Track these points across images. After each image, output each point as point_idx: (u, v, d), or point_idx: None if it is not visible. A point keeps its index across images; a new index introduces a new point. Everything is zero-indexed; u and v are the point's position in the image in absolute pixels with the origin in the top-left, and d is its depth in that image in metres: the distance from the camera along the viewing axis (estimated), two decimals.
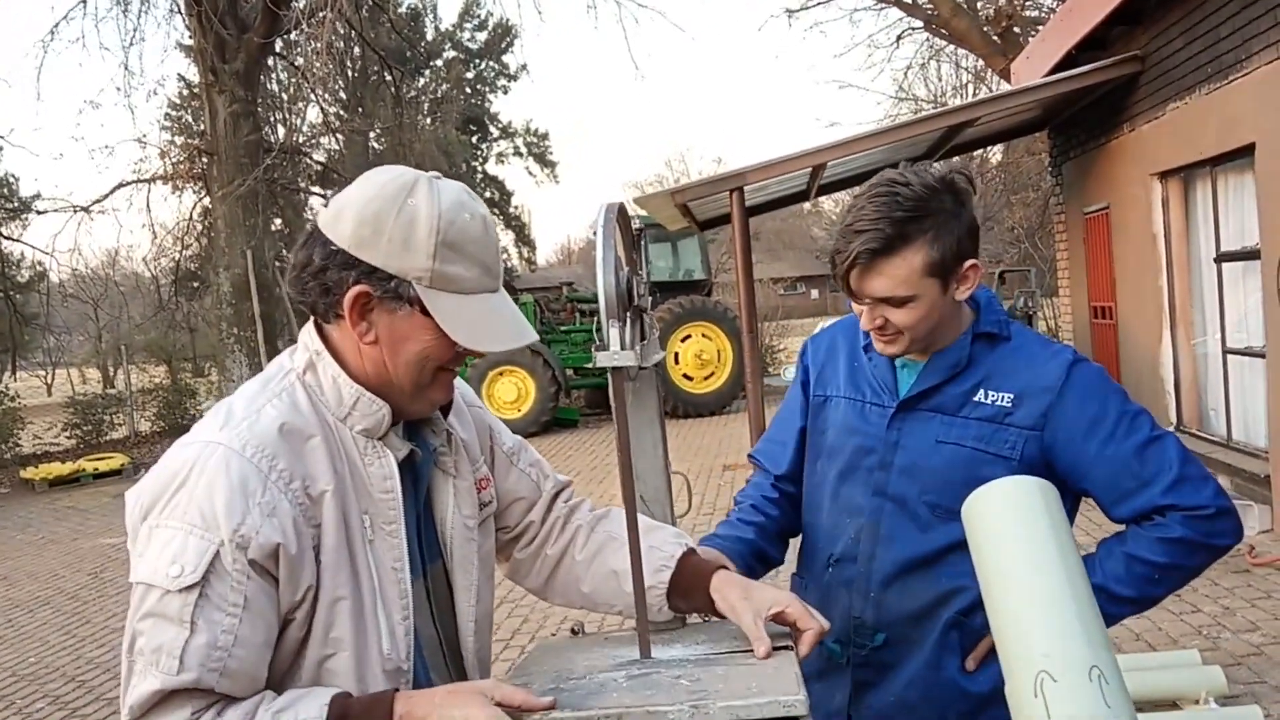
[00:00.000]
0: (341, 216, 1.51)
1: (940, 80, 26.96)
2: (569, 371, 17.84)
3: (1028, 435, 1.94)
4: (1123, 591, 1.91)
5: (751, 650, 1.60)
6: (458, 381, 1.76)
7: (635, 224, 1.86)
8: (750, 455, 2.36)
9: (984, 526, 1.47)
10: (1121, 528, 1.99)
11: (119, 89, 41.26)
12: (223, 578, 1.39)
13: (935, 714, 2.01)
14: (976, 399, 1.98)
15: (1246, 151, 7.53)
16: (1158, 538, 1.89)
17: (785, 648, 1.61)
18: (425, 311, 1.51)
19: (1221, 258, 8.39)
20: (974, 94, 24.05)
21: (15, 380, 23.90)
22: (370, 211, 1.49)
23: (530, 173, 38.61)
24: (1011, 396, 1.95)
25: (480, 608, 1.73)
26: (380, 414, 1.55)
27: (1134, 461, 1.90)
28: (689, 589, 1.74)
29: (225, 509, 1.40)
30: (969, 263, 1.92)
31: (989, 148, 23.10)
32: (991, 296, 2.07)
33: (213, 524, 1.39)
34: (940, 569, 1.98)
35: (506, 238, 38.77)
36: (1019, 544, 1.40)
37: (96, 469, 16.91)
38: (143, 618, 1.40)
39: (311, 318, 1.60)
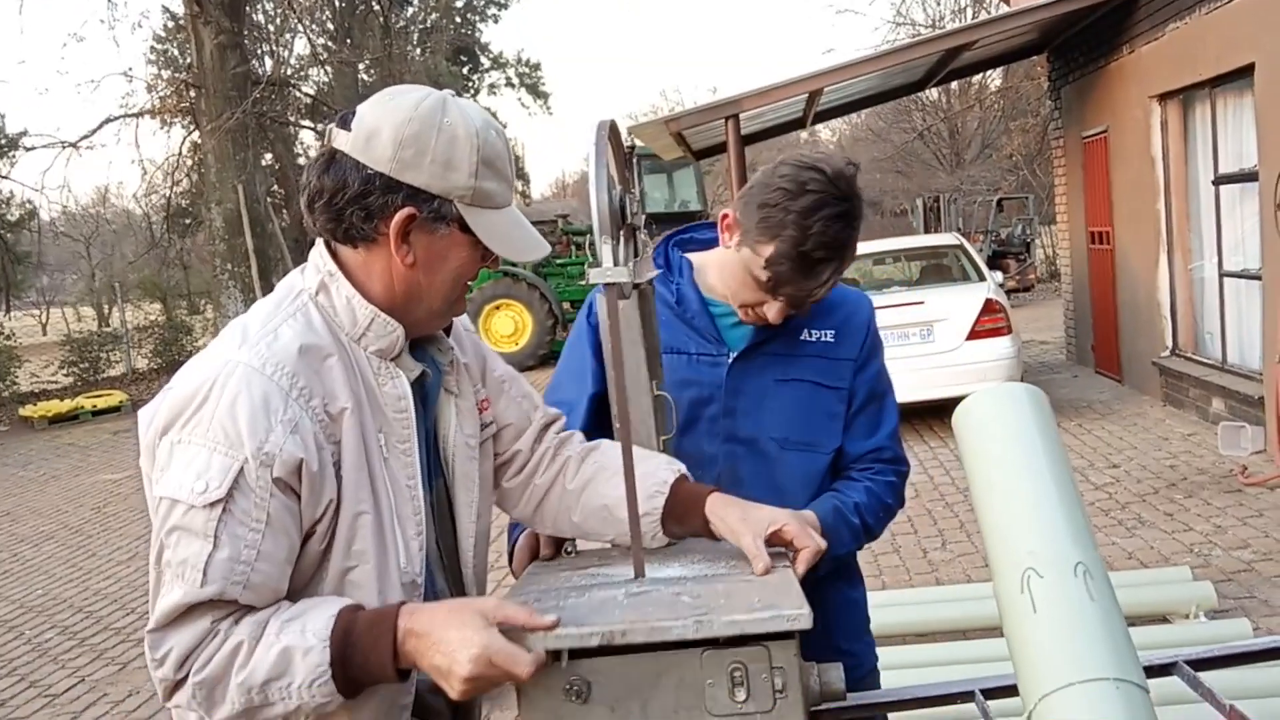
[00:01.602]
0: (376, 139, 1.50)
1: (939, 4, 26.65)
2: (565, 305, 17.83)
3: (850, 365, 2.10)
4: (869, 520, 2.07)
5: (749, 568, 1.62)
6: None
7: (627, 142, 1.84)
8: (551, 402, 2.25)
9: (973, 431, 1.49)
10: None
11: (102, 21, 40.76)
12: (246, 494, 1.41)
13: (822, 634, 2.04)
14: (803, 338, 2.08)
15: (1246, 72, 7.46)
16: (889, 483, 2.12)
17: (784, 566, 1.63)
18: (464, 229, 1.54)
19: (1219, 180, 8.35)
20: (973, 17, 23.74)
21: (10, 319, 23.88)
22: (410, 133, 1.49)
23: (523, 104, 38.28)
24: (833, 332, 2.10)
25: (480, 524, 1.75)
26: (395, 335, 1.57)
27: (883, 404, 2.15)
28: (684, 513, 1.75)
29: (249, 426, 1.41)
30: None
31: (987, 72, 22.88)
32: None
33: (236, 441, 1.41)
34: (797, 500, 2.01)
35: None
36: (1006, 446, 1.42)
37: (95, 406, 16.97)
38: (169, 531, 1.43)
39: (320, 238, 1.60)
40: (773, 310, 1.98)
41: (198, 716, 1.45)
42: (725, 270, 2.05)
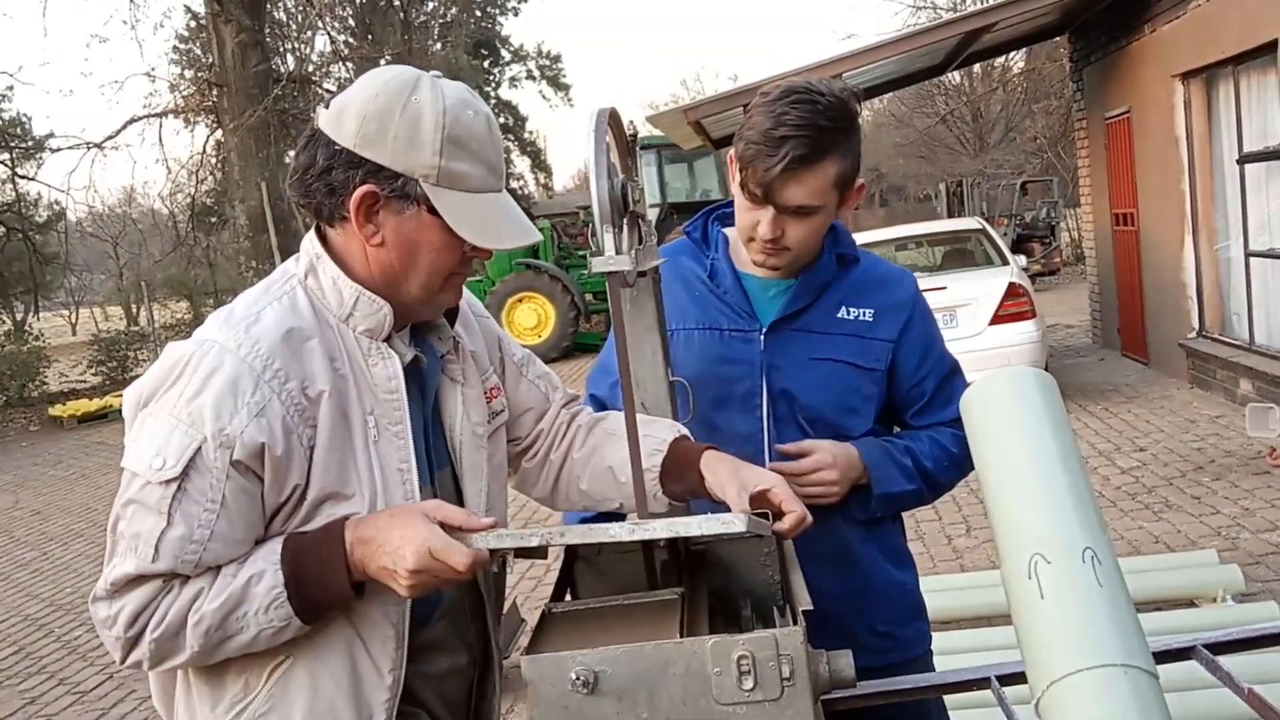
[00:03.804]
0: (344, 115, 1.51)
1: None
2: (588, 296, 17.83)
3: (888, 347, 2.06)
4: (927, 464, 2.07)
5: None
6: (465, 293, 1.77)
7: (629, 129, 1.84)
8: (590, 393, 2.26)
9: (980, 416, 1.47)
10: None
11: (125, 22, 41.01)
12: (203, 474, 1.42)
13: (860, 614, 2.06)
14: (840, 316, 2.06)
15: (1269, 49, 7.36)
16: (954, 435, 2.08)
17: (762, 514, 1.64)
18: (432, 211, 1.51)
19: (1244, 159, 8.24)
20: None
21: (38, 320, 24.14)
22: (374, 109, 1.49)
23: (544, 96, 38.04)
24: (872, 312, 2.07)
25: (491, 514, 1.73)
26: (382, 313, 1.56)
27: (948, 381, 2.12)
28: (681, 470, 1.75)
29: (213, 407, 1.42)
30: (860, 181, 1.99)
31: (1009, 55, 22.68)
32: (838, 221, 2.13)
33: (199, 420, 1.42)
34: None
35: (523, 164, 38.41)
36: (1013, 431, 1.40)
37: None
38: (125, 503, 1.46)
39: (314, 223, 1.61)
40: (764, 223, 1.93)
41: (152, 664, 1.48)
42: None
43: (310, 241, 1.60)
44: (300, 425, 1.47)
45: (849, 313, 2.05)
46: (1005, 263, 9.75)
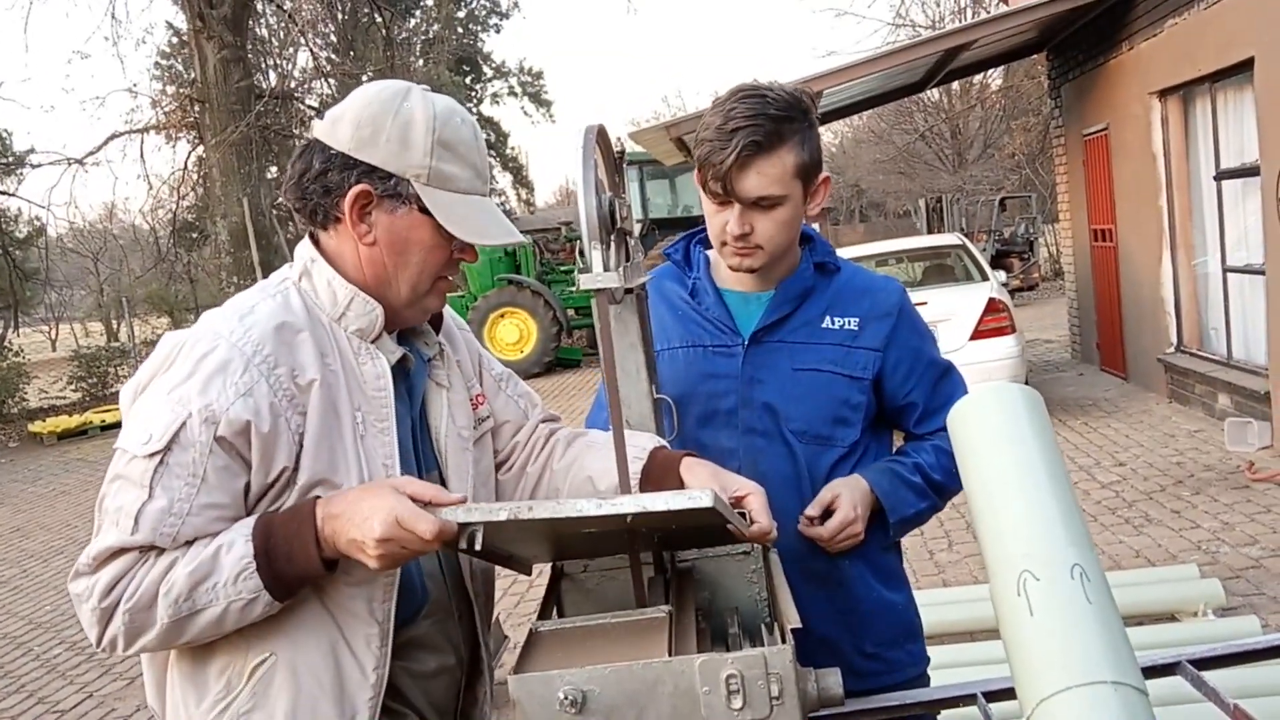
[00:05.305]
0: (340, 123, 1.59)
1: (939, 6, 26.62)
2: (570, 311, 17.83)
3: (874, 356, 2.06)
4: (936, 477, 2.07)
5: None
6: (446, 308, 1.81)
7: (616, 146, 1.86)
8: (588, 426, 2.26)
9: (967, 432, 1.48)
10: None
11: (107, 38, 40.96)
12: (186, 449, 1.46)
13: (849, 635, 2.07)
14: (824, 325, 2.06)
15: (1246, 66, 7.44)
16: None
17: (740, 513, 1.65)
18: (423, 209, 1.58)
19: (1221, 175, 8.32)
20: (972, 17, 23.70)
21: (18, 336, 23.96)
22: (368, 114, 1.58)
23: (526, 113, 38.13)
24: (857, 320, 2.07)
25: None
26: (374, 314, 1.62)
27: (941, 384, 2.12)
28: (661, 476, 1.78)
29: (202, 385, 1.47)
30: (823, 174, 2.00)
31: (988, 72, 22.85)
32: (815, 231, 2.15)
33: (186, 398, 1.47)
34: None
35: (504, 179, 38.46)
36: (1000, 448, 1.41)
37: (104, 421, 17.00)
38: (112, 479, 1.50)
39: (306, 232, 1.67)
40: (731, 220, 1.94)
41: (126, 643, 1.50)
42: None
43: (304, 247, 1.66)
44: (289, 410, 1.51)
45: (834, 322, 2.06)
46: (985, 278, 9.80)
